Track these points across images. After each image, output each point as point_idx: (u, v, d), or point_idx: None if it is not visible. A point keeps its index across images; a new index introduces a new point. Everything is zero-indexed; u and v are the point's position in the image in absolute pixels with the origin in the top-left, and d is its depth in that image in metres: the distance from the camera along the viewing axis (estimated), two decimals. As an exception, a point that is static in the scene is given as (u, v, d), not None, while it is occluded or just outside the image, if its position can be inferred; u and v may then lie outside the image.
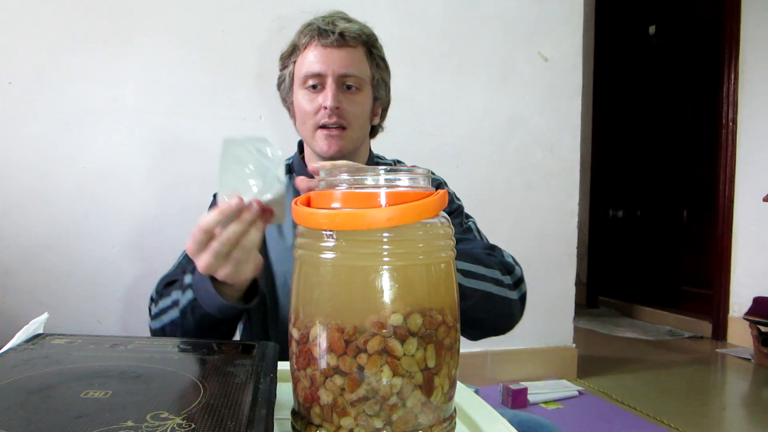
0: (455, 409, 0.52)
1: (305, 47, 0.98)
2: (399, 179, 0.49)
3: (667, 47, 3.80)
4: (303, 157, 1.07)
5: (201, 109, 1.99)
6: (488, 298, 0.81)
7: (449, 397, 0.50)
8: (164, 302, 0.85)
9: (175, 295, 0.83)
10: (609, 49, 4.15)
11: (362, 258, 0.47)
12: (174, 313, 0.82)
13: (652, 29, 3.92)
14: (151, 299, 0.89)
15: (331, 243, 0.47)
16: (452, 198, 1.10)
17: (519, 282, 0.90)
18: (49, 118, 1.85)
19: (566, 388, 2.31)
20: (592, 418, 2.10)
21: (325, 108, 0.95)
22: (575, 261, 2.50)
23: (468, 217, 1.08)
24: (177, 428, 0.40)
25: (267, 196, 0.67)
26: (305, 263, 0.50)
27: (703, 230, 3.46)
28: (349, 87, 0.97)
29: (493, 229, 1.16)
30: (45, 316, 0.65)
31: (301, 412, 0.49)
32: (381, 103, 1.06)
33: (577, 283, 2.57)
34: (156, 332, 0.86)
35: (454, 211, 1.07)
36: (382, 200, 0.47)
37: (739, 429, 2.13)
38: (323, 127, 0.96)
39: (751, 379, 2.64)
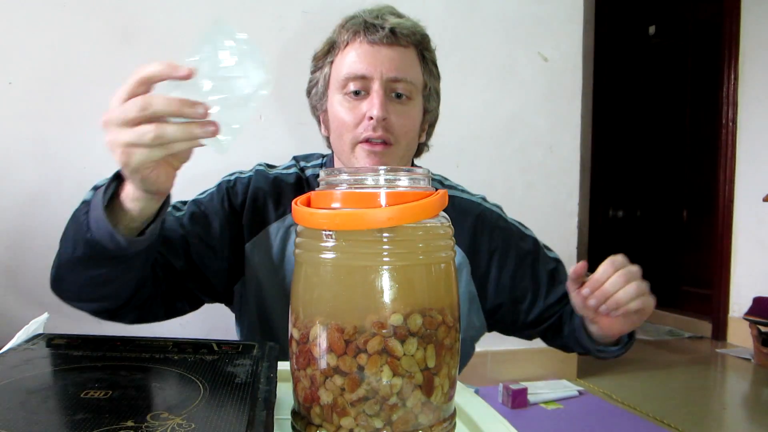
0: (455, 409, 0.52)
1: (347, 44, 0.82)
2: (399, 179, 0.49)
3: (667, 47, 3.80)
4: None
5: (201, 109, 1.98)
6: None
7: (449, 397, 0.50)
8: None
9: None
10: (609, 50, 4.15)
11: (362, 258, 0.47)
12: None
13: (652, 29, 3.92)
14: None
15: (331, 243, 0.47)
16: (522, 234, 1.00)
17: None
18: (49, 118, 1.85)
19: (566, 388, 2.31)
20: (592, 418, 2.10)
21: (371, 118, 0.79)
22: (575, 261, 2.50)
23: (548, 250, 0.98)
24: (177, 428, 0.40)
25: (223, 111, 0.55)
26: (305, 263, 0.50)
27: (703, 230, 3.46)
28: (398, 96, 0.82)
29: (493, 229, 1.15)
30: (45, 316, 0.65)
31: (301, 412, 0.49)
32: (430, 116, 0.92)
33: (577, 283, 2.57)
34: (52, 281, 0.74)
35: (535, 252, 0.96)
36: (382, 200, 0.47)
37: (739, 429, 2.13)
38: (366, 141, 0.80)
39: (751, 379, 2.64)
